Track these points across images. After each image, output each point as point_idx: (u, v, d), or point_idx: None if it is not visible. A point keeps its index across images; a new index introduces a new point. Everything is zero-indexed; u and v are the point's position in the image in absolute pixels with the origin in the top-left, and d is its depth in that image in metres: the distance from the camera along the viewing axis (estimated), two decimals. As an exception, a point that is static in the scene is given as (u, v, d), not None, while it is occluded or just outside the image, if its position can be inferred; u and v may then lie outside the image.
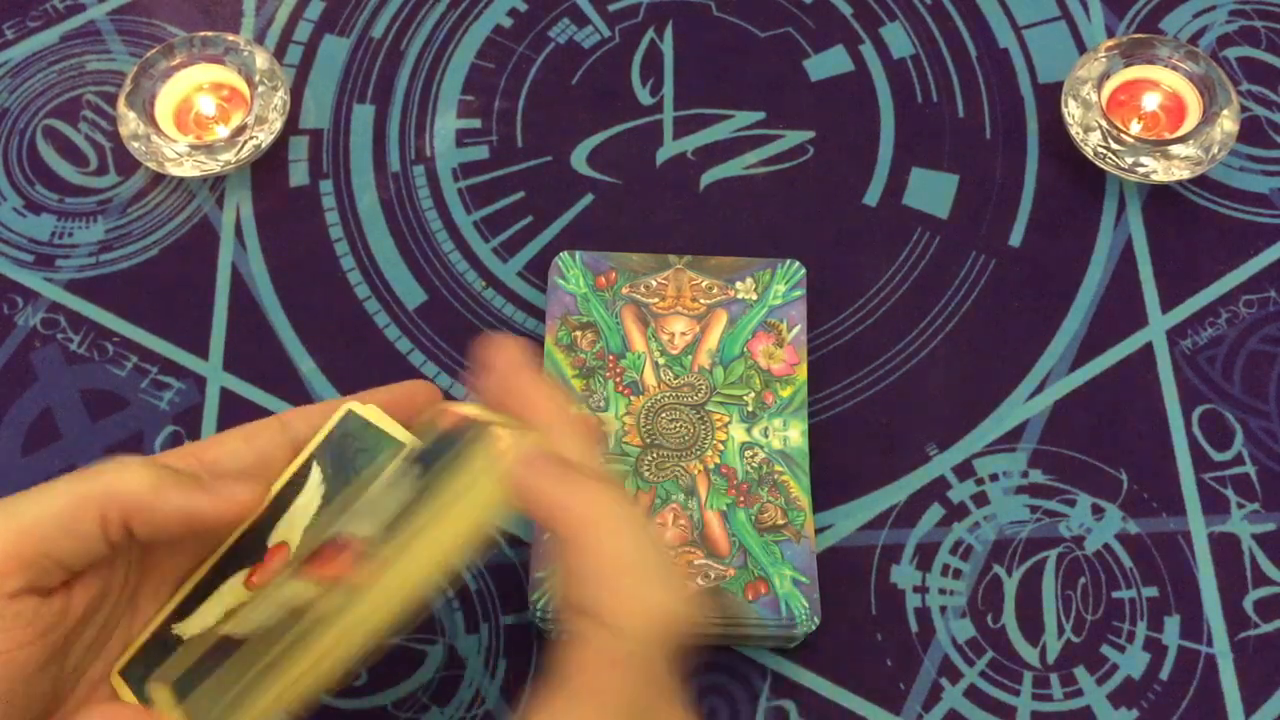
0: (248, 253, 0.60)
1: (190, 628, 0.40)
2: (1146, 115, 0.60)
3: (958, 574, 0.53)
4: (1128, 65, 0.60)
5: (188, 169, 0.59)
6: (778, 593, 0.49)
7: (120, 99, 0.60)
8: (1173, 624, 0.52)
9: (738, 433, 0.52)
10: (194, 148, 0.59)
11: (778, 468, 0.52)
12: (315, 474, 0.41)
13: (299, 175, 0.62)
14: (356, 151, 0.62)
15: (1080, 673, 0.51)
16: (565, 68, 0.64)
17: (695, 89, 0.63)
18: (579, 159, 0.62)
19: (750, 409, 0.53)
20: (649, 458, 0.52)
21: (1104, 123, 0.59)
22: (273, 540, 0.40)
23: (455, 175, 0.62)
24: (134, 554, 0.40)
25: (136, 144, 0.60)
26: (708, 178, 0.61)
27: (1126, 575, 0.53)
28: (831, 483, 0.54)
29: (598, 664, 0.34)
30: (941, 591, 0.53)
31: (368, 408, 0.42)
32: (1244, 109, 0.62)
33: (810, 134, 0.62)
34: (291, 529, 0.40)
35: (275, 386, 0.57)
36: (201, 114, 0.61)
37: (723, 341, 0.54)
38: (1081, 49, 0.64)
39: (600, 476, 0.36)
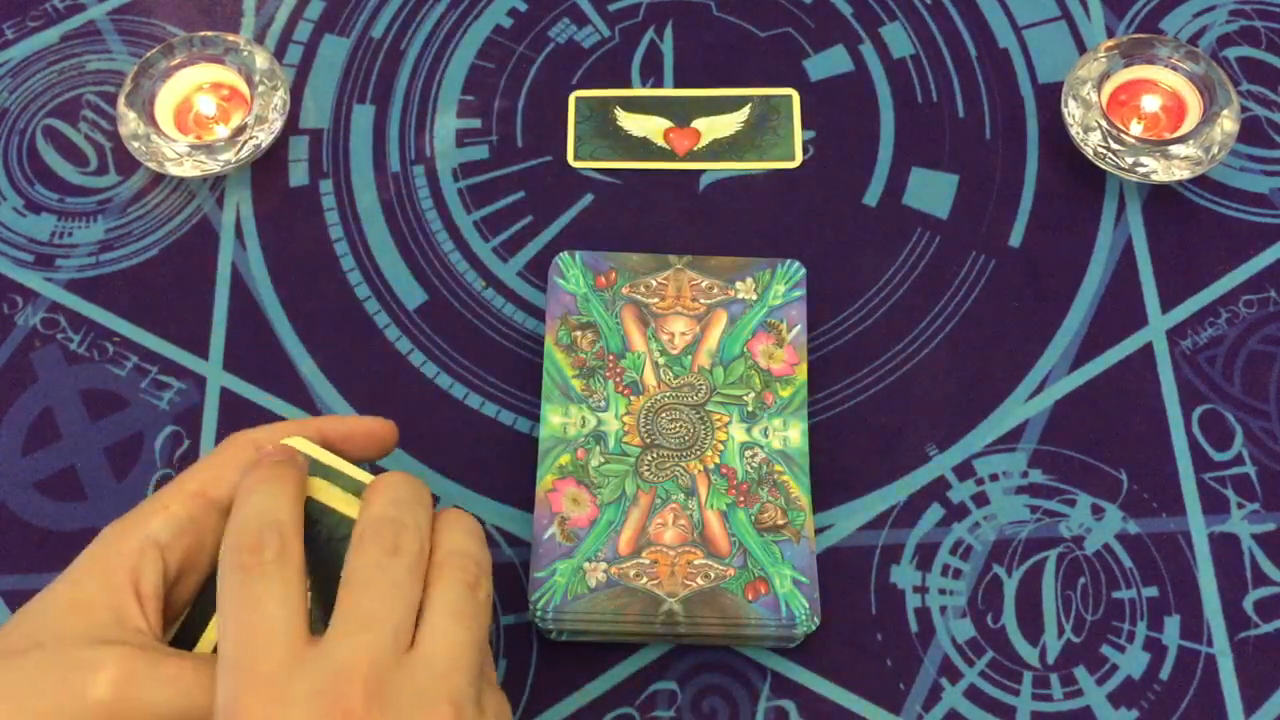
0: (248, 253, 0.60)
1: None
2: (1147, 115, 0.60)
3: (958, 574, 0.53)
4: (1128, 65, 0.60)
5: (188, 169, 0.59)
6: (778, 593, 0.49)
7: (120, 99, 0.60)
8: (1173, 624, 0.52)
9: (738, 433, 0.52)
10: (194, 148, 0.59)
11: (778, 468, 0.52)
12: None
13: (299, 175, 0.62)
14: (356, 151, 0.62)
15: (1080, 673, 0.51)
16: (565, 68, 0.64)
17: (695, 89, 0.63)
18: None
19: (750, 409, 0.53)
20: (649, 458, 0.52)
21: (1104, 123, 0.59)
22: None
23: (455, 175, 0.62)
24: None
25: (136, 144, 0.60)
26: (708, 178, 0.61)
27: (1126, 575, 0.53)
28: (831, 483, 0.54)
29: None
30: (941, 591, 0.53)
31: (310, 445, 0.43)
32: (1244, 109, 0.62)
33: (810, 134, 0.62)
34: None
35: (275, 386, 0.57)
36: (201, 114, 0.61)
37: (723, 341, 0.54)
38: (1081, 49, 0.64)
39: None
